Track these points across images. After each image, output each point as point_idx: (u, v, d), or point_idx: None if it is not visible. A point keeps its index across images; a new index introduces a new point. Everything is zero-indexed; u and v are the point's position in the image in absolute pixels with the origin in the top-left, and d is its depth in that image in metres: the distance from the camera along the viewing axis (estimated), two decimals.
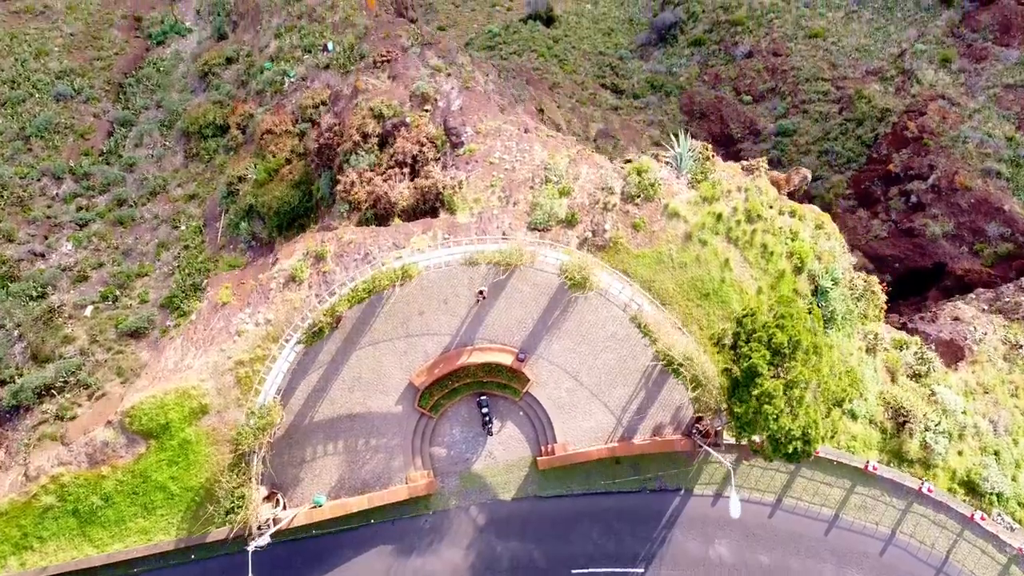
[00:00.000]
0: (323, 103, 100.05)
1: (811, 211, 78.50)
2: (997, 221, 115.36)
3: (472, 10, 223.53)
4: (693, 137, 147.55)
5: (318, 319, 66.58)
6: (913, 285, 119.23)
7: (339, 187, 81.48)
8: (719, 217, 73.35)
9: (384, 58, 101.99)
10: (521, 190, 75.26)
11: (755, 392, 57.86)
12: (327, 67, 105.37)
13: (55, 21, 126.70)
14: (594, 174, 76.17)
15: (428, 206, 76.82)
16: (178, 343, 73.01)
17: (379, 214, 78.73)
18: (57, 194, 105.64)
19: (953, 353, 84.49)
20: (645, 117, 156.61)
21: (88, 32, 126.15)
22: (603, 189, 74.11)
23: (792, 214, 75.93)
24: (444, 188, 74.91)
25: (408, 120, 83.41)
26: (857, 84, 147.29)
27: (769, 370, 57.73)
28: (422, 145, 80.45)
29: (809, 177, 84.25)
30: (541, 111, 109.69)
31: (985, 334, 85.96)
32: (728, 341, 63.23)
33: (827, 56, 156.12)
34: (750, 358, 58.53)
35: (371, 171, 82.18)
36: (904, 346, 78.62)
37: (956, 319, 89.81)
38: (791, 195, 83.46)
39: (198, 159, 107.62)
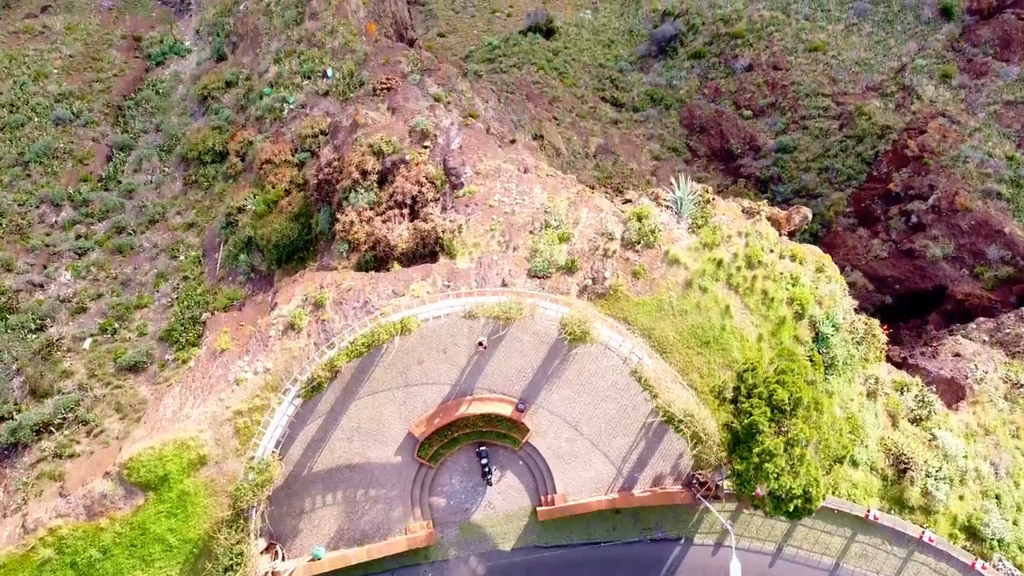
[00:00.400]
0: (322, 133, 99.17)
1: (811, 253, 77.64)
2: (997, 244, 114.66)
3: (472, 16, 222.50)
4: (693, 151, 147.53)
5: (316, 374, 65.85)
6: (914, 306, 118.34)
7: (338, 226, 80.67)
8: (719, 263, 72.56)
9: (384, 85, 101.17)
10: (521, 234, 74.45)
11: (756, 450, 57.27)
12: (326, 94, 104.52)
13: (54, 42, 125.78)
14: (594, 218, 75.35)
15: (428, 250, 75.98)
16: (176, 391, 72.26)
17: (378, 256, 77.76)
18: (56, 221, 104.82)
19: (954, 392, 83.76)
20: (645, 131, 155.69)
21: (87, 53, 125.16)
22: (603, 235, 73.35)
23: (793, 258, 75.09)
24: (444, 232, 74.16)
25: (407, 158, 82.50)
26: (857, 100, 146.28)
27: (770, 427, 57.11)
28: (421, 185, 79.66)
29: (809, 217, 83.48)
30: (541, 137, 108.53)
31: (986, 372, 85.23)
32: (729, 395, 62.50)
33: (827, 70, 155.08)
34: (751, 415, 57.90)
35: (371, 210, 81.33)
36: (905, 388, 77.86)
37: (957, 355, 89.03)
38: (791, 234, 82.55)
39: (197, 186, 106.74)
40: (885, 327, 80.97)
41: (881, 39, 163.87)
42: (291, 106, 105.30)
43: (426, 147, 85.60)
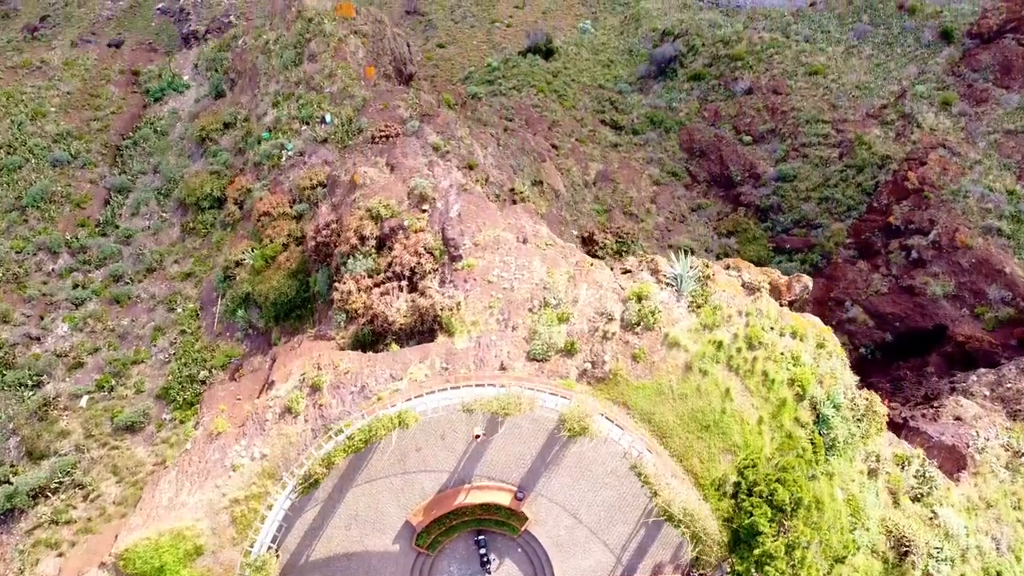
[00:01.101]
0: (321, 184, 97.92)
1: (812, 326, 76.34)
2: (998, 284, 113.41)
3: (472, 27, 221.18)
4: (692, 176, 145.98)
5: (313, 470, 64.54)
6: (914, 344, 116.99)
7: (336, 295, 79.32)
8: (720, 345, 71.17)
9: (383, 133, 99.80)
10: (520, 312, 73.09)
11: (756, 552, 56.06)
12: (325, 141, 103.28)
13: (52, 78, 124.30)
14: (594, 295, 73.96)
15: (426, 327, 74.50)
16: (172, 475, 71.06)
17: (376, 331, 76.37)
18: (53, 269, 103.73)
19: (955, 461, 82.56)
20: (644, 154, 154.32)
21: (85, 89, 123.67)
22: (602, 314, 71.95)
23: (794, 334, 73.75)
24: (442, 310, 72.62)
25: (406, 223, 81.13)
26: (857, 128, 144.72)
27: (771, 527, 55.88)
28: (420, 256, 78.28)
29: (809, 286, 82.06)
30: (540, 183, 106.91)
31: (987, 440, 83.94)
32: (729, 489, 61.30)
33: (827, 95, 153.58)
34: (751, 514, 56.67)
35: (369, 278, 79.99)
36: (906, 462, 76.57)
37: (958, 419, 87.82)
38: (791, 303, 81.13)
39: (195, 233, 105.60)
40: (884, 385, 79.63)
41: (881, 62, 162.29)
42: (289, 152, 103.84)
43: (424, 211, 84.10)
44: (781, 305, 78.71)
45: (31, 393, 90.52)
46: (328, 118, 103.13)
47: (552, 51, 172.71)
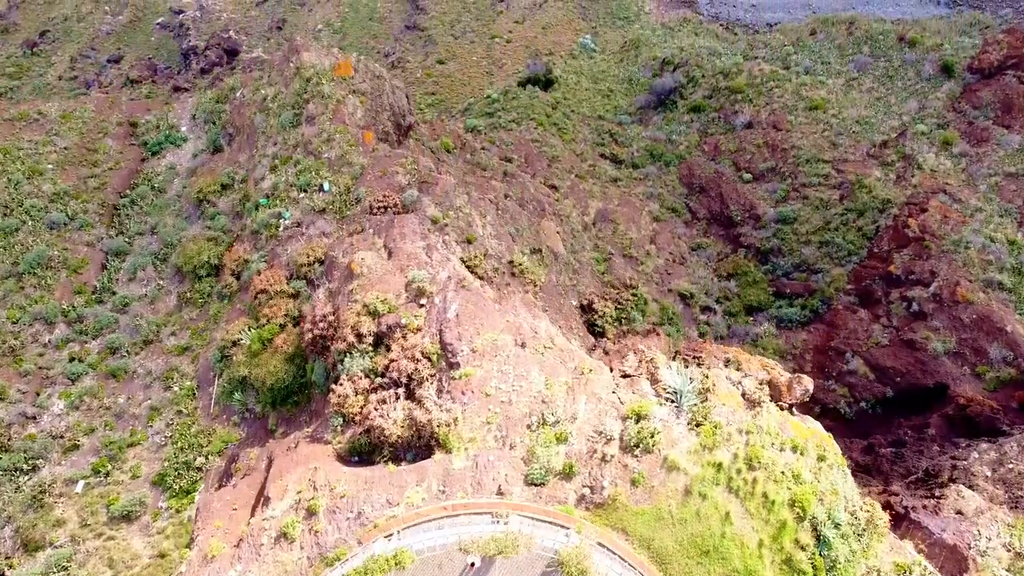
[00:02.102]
0: (319, 261, 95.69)
1: (813, 434, 74.17)
2: (999, 343, 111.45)
3: (471, 42, 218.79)
4: (692, 213, 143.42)
5: None
6: (916, 400, 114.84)
7: (333, 397, 77.00)
8: (720, 467, 69.12)
9: (381, 204, 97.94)
10: (518, 429, 71.04)
11: None
12: (323, 211, 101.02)
13: (49, 131, 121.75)
14: (592, 410, 71.83)
15: (423, 442, 72.28)
16: None
17: (373, 442, 74.21)
18: (49, 340, 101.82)
19: (957, 563, 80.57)
20: (644, 189, 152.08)
21: (83, 144, 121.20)
22: (601, 434, 69.75)
23: (794, 448, 71.47)
24: (439, 426, 70.40)
25: (403, 321, 79.05)
26: (858, 168, 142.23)
27: None
28: (417, 361, 76.17)
29: (810, 389, 79.61)
30: (539, 251, 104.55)
31: (989, 540, 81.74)
32: None
33: (827, 130, 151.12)
34: None
35: (366, 378, 77.62)
36: (907, 572, 74.29)
37: (959, 512, 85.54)
38: (791, 407, 78.86)
39: (192, 304, 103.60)
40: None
41: (882, 95, 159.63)
42: (286, 221, 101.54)
43: (422, 306, 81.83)
44: (780, 407, 76.21)
45: (27, 478, 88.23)
46: (326, 186, 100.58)
47: (552, 81, 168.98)
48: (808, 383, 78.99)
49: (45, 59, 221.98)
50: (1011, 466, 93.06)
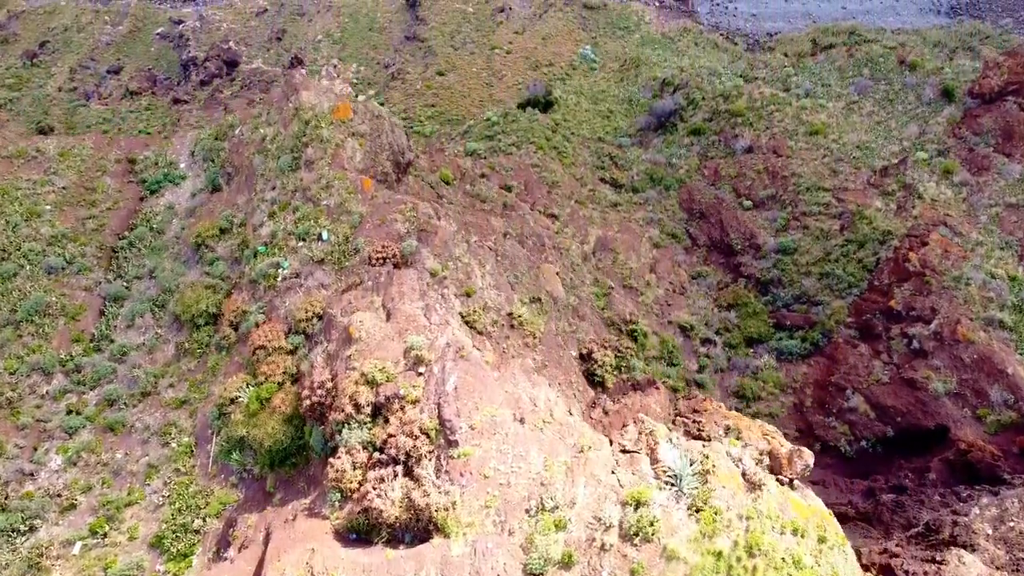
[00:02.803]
0: (317, 316, 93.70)
1: (813, 514, 72.35)
2: (1000, 385, 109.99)
3: (471, 53, 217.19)
4: (693, 239, 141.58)
5: None
6: (916, 440, 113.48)
7: (331, 471, 75.59)
8: (719, 555, 67.43)
9: (379, 255, 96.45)
10: (516, 514, 69.55)
11: None
12: (322, 261, 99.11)
13: (48, 170, 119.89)
14: (591, 494, 70.35)
15: (421, 525, 70.76)
16: None
17: (371, 522, 72.77)
18: (47, 392, 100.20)
19: None
20: (644, 214, 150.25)
21: (81, 183, 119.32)
22: (599, 521, 68.13)
23: (795, 531, 69.74)
24: (437, 511, 68.84)
25: (402, 391, 77.49)
26: (858, 198, 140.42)
27: None
28: (415, 438, 74.43)
29: (811, 463, 77.79)
30: (539, 300, 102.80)
31: None
32: None
33: (827, 156, 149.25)
34: None
35: (364, 450, 76.02)
36: None
37: None
38: (791, 482, 77.19)
39: (190, 355, 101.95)
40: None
41: (882, 119, 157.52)
42: (284, 271, 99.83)
43: (421, 374, 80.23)
44: (780, 482, 74.65)
45: (24, 539, 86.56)
46: (325, 235, 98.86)
47: (551, 103, 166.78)
48: (808, 457, 77.30)
49: (45, 70, 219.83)
50: (1012, 524, 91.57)
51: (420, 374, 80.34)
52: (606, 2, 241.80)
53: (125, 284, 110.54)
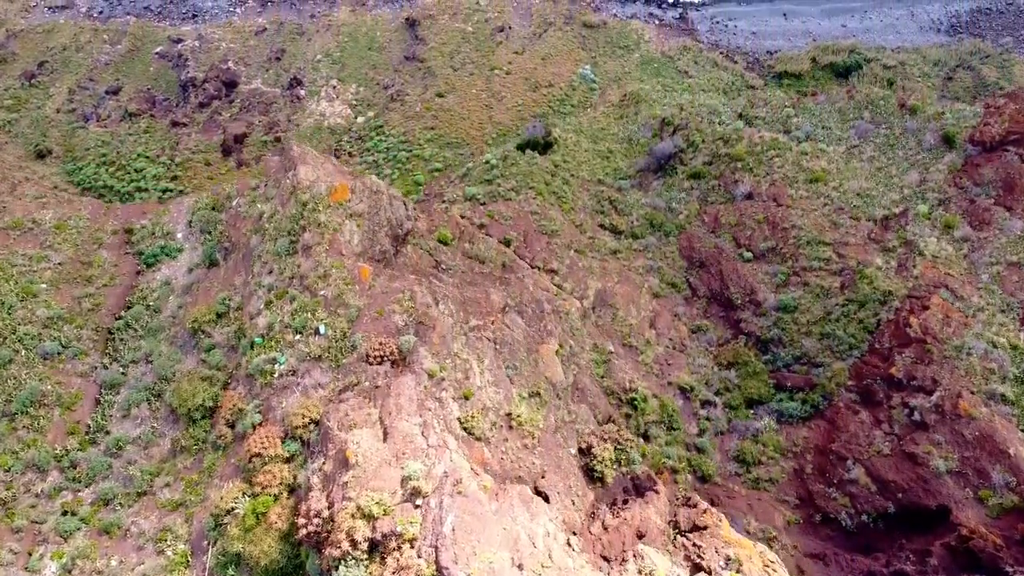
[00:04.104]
0: (313, 422, 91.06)
1: None
2: (1002, 466, 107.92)
3: (471, 74, 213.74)
4: (693, 289, 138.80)
5: None
6: (918, 518, 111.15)
7: None
8: None
9: (377, 353, 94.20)
10: None
11: None
12: (319, 358, 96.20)
13: (44, 243, 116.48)
14: None
15: None
16: None
17: None
18: (42, 490, 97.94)
19: None
20: (644, 262, 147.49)
21: (77, 257, 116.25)
22: None
23: None
24: None
25: (399, 528, 75.00)
26: (859, 254, 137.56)
27: None
28: None
29: None
30: (538, 394, 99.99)
31: None
32: None
33: (828, 205, 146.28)
34: None
35: None
36: None
37: None
38: None
39: (186, 452, 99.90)
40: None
41: (883, 165, 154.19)
42: (281, 367, 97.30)
43: (418, 506, 77.55)
44: None
45: None
46: (322, 329, 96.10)
47: (550, 144, 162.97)
48: None
49: (43, 91, 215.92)
50: None
51: (417, 506, 77.78)
52: (606, 21, 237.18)
53: (122, 369, 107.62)
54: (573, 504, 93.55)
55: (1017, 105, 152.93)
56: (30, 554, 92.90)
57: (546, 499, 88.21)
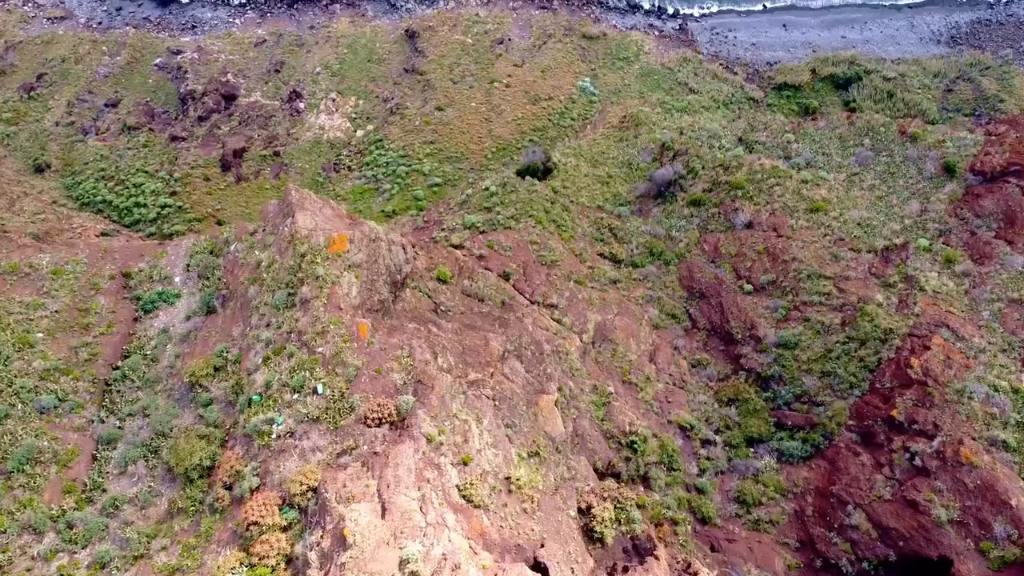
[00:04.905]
0: (311, 490, 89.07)
1: None
2: (1004, 518, 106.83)
3: (470, 87, 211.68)
4: (693, 321, 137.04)
5: None
6: (919, 568, 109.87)
7: None
8: None
9: (375, 415, 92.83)
10: None
11: None
12: (317, 419, 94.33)
13: (41, 289, 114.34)
14: None
15: None
16: None
17: None
18: (39, 552, 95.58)
19: None
20: (644, 292, 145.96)
21: (74, 304, 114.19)
22: None
23: None
24: None
25: None
26: (859, 289, 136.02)
27: None
28: None
29: None
30: (537, 454, 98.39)
31: None
32: None
33: (829, 236, 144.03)
34: None
35: None
36: None
37: None
38: None
39: (183, 513, 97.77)
40: None
41: (883, 194, 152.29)
42: (279, 428, 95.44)
43: None
44: None
45: None
46: (320, 388, 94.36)
47: (550, 170, 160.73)
48: None
49: (42, 103, 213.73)
50: None
51: None
52: (605, 32, 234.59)
53: (118, 423, 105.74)
54: (572, 572, 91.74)
55: (1018, 133, 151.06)
56: None
57: (545, 572, 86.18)
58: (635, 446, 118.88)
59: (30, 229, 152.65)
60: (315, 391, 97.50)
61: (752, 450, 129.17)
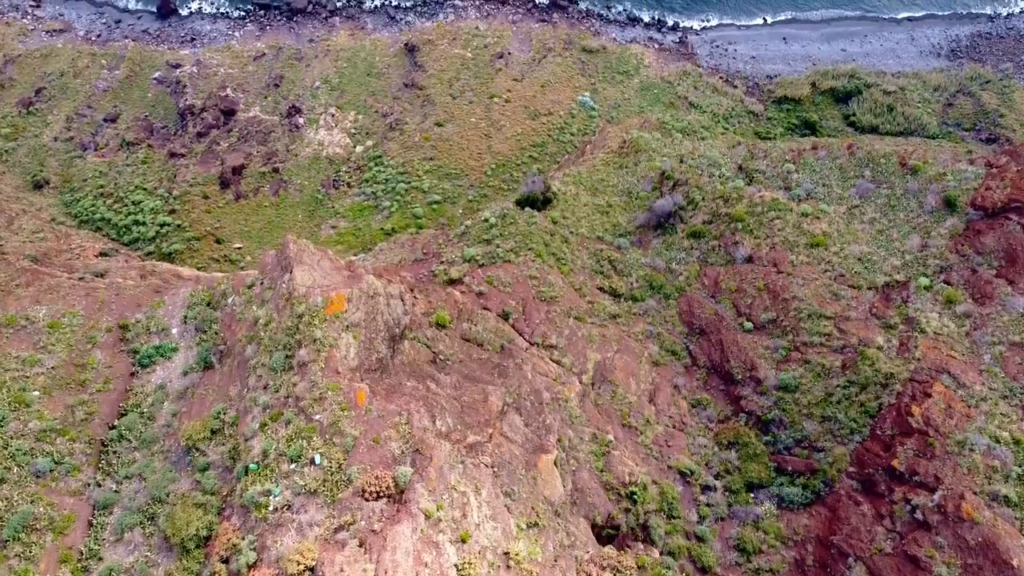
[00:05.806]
0: (309, 569, 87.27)
1: None
2: None
3: (470, 102, 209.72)
4: (693, 358, 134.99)
5: None
6: None
7: None
8: None
9: (373, 488, 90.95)
10: None
11: None
12: (315, 491, 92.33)
13: (37, 344, 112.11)
14: None
15: None
16: None
17: None
18: None
19: None
20: (644, 327, 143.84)
21: (71, 360, 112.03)
22: None
23: None
24: None
25: None
26: (860, 330, 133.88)
27: None
28: None
29: None
30: (536, 524, 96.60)
31: None
32: None
33: (830, 272, 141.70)
34: None
35: None
36: None
37: None
38: None
39: None
40: None
41: (883, 228, 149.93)
42: (276, 500, 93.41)
43: None
44: None
45: None
46: (318, 459, 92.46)
47: (549, 199, 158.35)
48: None
49: (41, 118, 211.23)
50: None
51: None
52: (605, 45, 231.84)
53: (115, 487, 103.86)
54: None
55: (1019, 167, 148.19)
56: None
57: None
58: (635, 496, 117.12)
59: (28, 250, 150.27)
60: (312, 461, 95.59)
61: (752, 496, 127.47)
